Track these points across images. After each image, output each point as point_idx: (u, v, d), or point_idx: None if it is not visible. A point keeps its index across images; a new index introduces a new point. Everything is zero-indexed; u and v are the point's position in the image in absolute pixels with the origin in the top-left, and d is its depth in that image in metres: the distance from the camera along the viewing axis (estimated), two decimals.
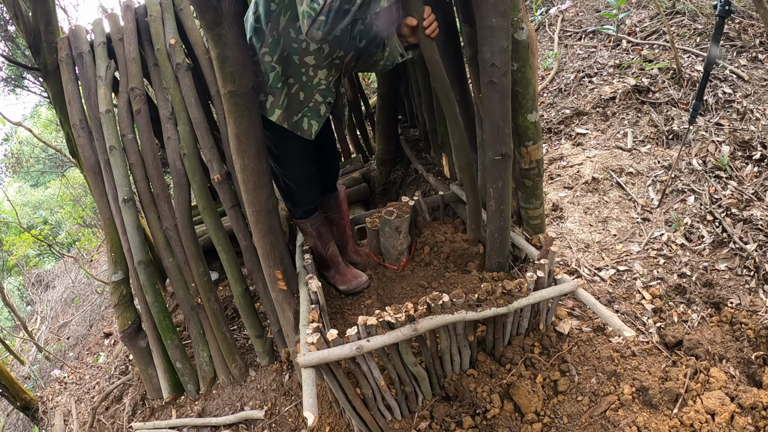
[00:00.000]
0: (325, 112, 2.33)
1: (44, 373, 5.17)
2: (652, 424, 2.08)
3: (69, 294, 7.61)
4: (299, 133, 2.30)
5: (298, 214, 2.67)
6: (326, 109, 2.33)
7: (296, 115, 2.27)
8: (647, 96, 3.89)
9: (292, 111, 2.26)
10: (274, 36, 2.12)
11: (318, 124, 2.32)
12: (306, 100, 2.27)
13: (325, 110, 2.32)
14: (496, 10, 1.98)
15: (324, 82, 2.26)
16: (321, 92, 2.27)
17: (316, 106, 2.29)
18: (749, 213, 2.93)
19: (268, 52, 2.14)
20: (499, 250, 2.54)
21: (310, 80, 2.23)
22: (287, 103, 2.23)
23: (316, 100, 2.28)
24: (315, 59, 2.18)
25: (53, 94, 3.24)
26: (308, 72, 2.21)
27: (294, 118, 2.27)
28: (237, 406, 3.02)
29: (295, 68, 2.19)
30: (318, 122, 2.32)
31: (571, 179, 3.54)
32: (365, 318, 1.98)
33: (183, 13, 3.20)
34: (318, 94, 2.27)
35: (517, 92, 2.30)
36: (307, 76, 2.22)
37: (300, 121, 2.29)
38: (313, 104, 2.28)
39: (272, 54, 2.14)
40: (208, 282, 3.12)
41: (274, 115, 2.22)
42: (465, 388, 2.32)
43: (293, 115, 2.27)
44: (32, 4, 3.11)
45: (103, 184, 3.08)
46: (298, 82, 2.22)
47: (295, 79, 2.21)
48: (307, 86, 2.24)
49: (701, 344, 2.35)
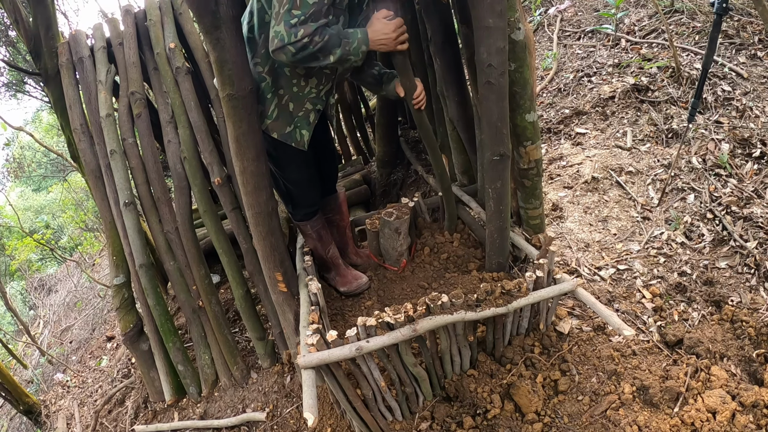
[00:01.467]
0: (314, 119, 2.34)
1: (47, 377, 5.19)
2: (652, 423, 2.07)
3: (71, 298, 7.64)
4: (293, 144, 2.31)
5: (299, 216, 2.67)
6: (315, 117, 2.34)
7: (289, 126, 2.29)
8: (646, 95, 3.89)
9: (283, 122, 2.27)
10: (266, 47, 2.12)
11: (309, 133, 2.34)
12: (296, 110, 2.27)
13: (314, 118, 2.34)
14: (493, 10, 1.98)
15: (314, 90, 2.27)
16: (311, 101, 2.28)
17: (306, 115, 2.30)
18: (749, 211, 2.93)
19: (259, 63, 2.16)
20: (498, 250, 2.54)
21: (301, 90, 2.24)
22: (277, 114, 2.25)
23: (306, 108, 2.29)
24: (305, 69, 2.19)
25: (54, 98, 3.25)
26: (299, 82, 2.22)
27: (287, 129, 2.28)
28: (239, 408, 3.03)
29: (285, 79, 2.20)
30: (308, 131, 2.34)
31: (570, 179, 3.54)
32: (365, 319, 1.98)
33: (182, 17, 3.21)
34: (308, 103, 2.28)
35: (514, 92, 2.30)
36: (298, 86, 2.22)
37: (293, 132, 2.30)
38: (303, 113, 2.29)
39: (263, 65, 2.16)
40: (210, 285, 3.13)
41: (264, 125, 2.25)
42: (465, 389, 2.32)
43: (286, 126, 2.28)
44: (33, 10, 3.13)
45: (104, 188, 3.09)
46: (288, 92, 2.23)
47: (285, 90, 2.22)
48: (297, 96, 2.25)
49: (702, 343, 2.34)
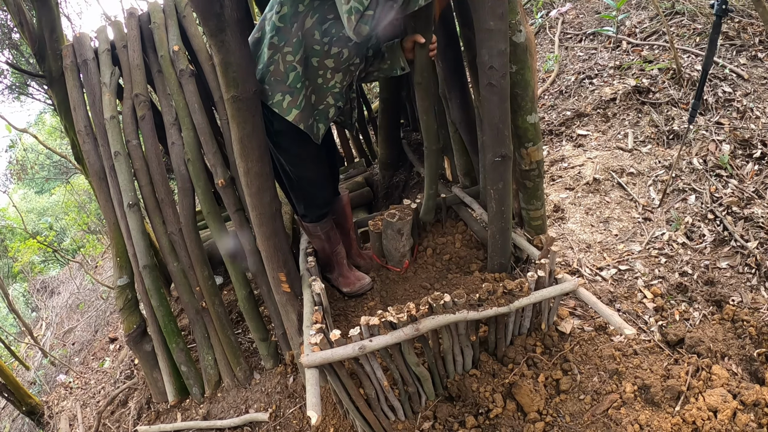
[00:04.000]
0: (332, 115, 2.35)
1: (49, 378, 5.21)
2: (654, 422, 2.08)
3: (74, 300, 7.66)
4: (312, 136, 2.32)
5: (312, 217, 2.63)
6: (335, 113, 2.35)
7: (310, 119, 2.29)
8: (647, 96, 3.90)
9: (307, 114, 2.26)
10: (298, 36, 2.12)
11: (324, 127, 2.35)
12: (317, 102, 2.28)
13: (333, 113, 2.34)
14: (494, 13, 2.00)
15: (339, 85, 2.28)
16: (334, 95, 2.30)
17: (326, 109, 2.32)
18: (750, 211, 2.94)
19: (291, 52, 2.14)
20: (500, 251, 2.56)
21: (327, 83, 2.24)
22: (304, 105, 2.24)
23: (327, 102, 2.30)
24: (334, 62, 2.20)
25: (58, 100, 3.27)
26: (326, 74, 2.22)
27: (309, 120, 2.28)
28: (242, 409, 3.04)
29: (312, 71, 2.20)
30: (325, 125, 2.35)
31: (572, 180, 3.55)
32: (368, 318, 1.99)
33: (186, 20, 3.23)
34: (331, 97, 2.29)
35: (516, 94, 2.32)
36: (324, 79, 2.23)
37: (312, 124, 2.31)
38: (324, 107, 2.31)
39: (295, 54, 2.14)
40: (213, 286, 3.14)
41: (291, 115, 2.22)
42: (468, 388, 2.33)
43: (308, 118, 2.28)
44: (37, 12, 3.15)
45: (108, 190, 3.11)
46: (312, 84, 2.24)
47: (310, 81, 2.23)
48: (321, 89, 2.25)
49: (703, 342, 2.35)
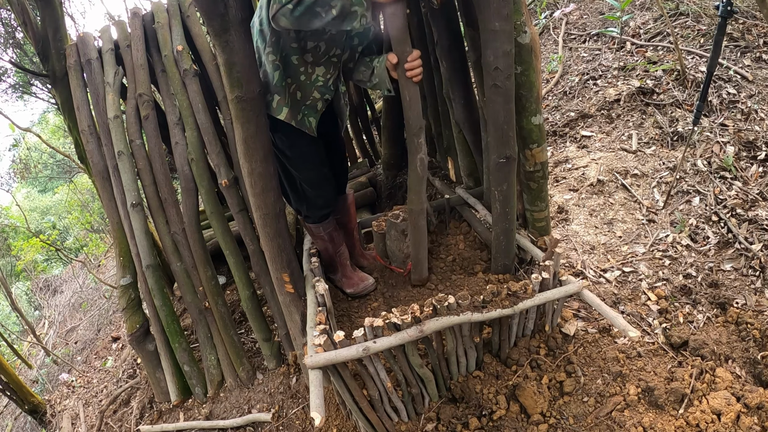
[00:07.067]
0: (321, 107, 2.38)
1: (52, 377, 5.21)
2: (657, 425, 2.08)
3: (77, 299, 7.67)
4: (306, 131, 2.35)
5: (314, 218, 2.65)
6: (323, 105, 2.38)
7: (299, 114, 2.33)
8: (652, 98, 3.89)
9: (294, 111, 2.32)
10: (276, 36, 2.17)
11: (315, 120, 2.37)
12: (303, 98, 2.32)
13: (321, 106, 2.37)
14: (499, 14, 2.00)
15: (322, 79, 2.31)
16: (319, 89, 2.32)
17: (314, 103, 2.35)
18: (754, 213, 2.93)
19: (271, 52, 2.20)
20: (504, 252, 2.55)
21: (309, 77, 2.28)
22: (291, 102, 2.29)
23: (314, 97, 2.33)
24: (312, 56, 2.23)
25: (62, 100, 3.28)
26: (306, 70, 2.26)
27: (298, 116, 2.33)
28: (244, 409, 3.04)
29: (293, 68, 2.24)
30: (315, 118, 2.37)
31: (576, 182, 3.55)
32: (372, 320, 1.99)
33: (190, 20, 3.23)
34: (316, 91, 2.32)
35: (520, 95, 2.32)
36: (306, 74, 2.27)
37: (302, 120, 2.35)
38: (311, 101, 2.34)
39: (275, 54, 2.20)
40: (216, 286, 3.14)
41: (282, 114, 2.27)
42: (471, 390, 2.33)
43: (297, 114, 2.32)
44: (41, 12, 3.16)
45: (111, 189, 3.11)
46: (296, 81, 2.28)
47: (293, 78, 2.27)
48: (305, 84, 2.29)
49: (707, 344, 2.35)
